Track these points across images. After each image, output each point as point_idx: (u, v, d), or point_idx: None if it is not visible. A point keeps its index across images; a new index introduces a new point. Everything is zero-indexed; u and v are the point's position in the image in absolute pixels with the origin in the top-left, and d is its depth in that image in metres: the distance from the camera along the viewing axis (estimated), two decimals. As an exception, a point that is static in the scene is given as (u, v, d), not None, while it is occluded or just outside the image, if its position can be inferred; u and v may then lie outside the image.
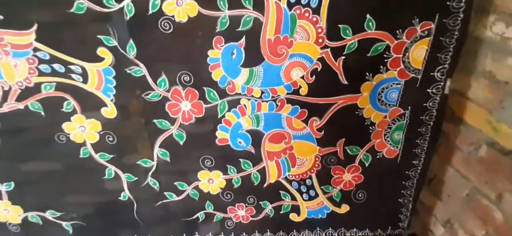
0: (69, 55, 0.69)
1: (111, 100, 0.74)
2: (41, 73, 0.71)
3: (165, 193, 0.85)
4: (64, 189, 0.85)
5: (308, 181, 0.82)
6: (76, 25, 0.67)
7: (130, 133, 0.78)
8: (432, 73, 0.68)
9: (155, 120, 0.76)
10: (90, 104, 0.74)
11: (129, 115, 0.76)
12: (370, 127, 0.75)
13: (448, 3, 0.61)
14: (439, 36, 0.64)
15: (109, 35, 0.68)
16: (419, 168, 0.79)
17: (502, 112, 0.64)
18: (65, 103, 0.74)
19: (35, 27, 0.67)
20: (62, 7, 0.65)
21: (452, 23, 0.63)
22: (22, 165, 0.82)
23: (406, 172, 0.80)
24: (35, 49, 0.69)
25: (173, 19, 0.66)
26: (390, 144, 0.77)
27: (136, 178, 0.83)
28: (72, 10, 0.65)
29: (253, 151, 0.79)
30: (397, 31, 0.64)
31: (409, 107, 0.72)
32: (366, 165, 0.79)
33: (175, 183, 0.84)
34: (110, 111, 0.75)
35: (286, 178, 0.82)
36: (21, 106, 0.74)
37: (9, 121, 0.75)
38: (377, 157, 0.78)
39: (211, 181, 0.83)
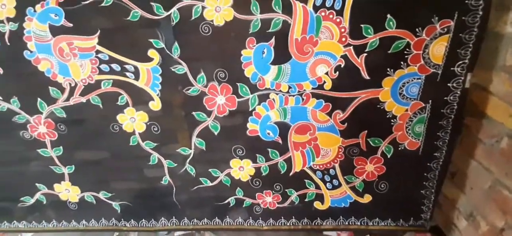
0: (124, 56, 0.81)
1: (157, 95, 0.85)
2: (101, 72, 0.83)
3: (200, 179, 0.95)
4: (115, 172, 0.98)
5: (331, 171, 0.88)
6: (131, 30, 0.78)
7: (172, 124, 0.89)
8: (452, 68, 0.71)
9: (193, 113, 0.86)
10: (140, 98, 0.85)
11: (171, 108, 0.87)
12: (392, 120, 0.79)
13: (466, 1, 0.64)
14: (458, 33, 0.67)
15: (158, 39, 0.79)
16: (441, 160, 0.81)
17: (524, 105, 0.66)
18: (119, 97, 0.86)
19: (98, 33, 0.80)
20: (120, 15, 0.77)
21: (471, 20, 0.66)
22: (82, 151, 0.96)
23: (428, 164, 0.83)
24: (97, 52, 0.81)
25: (212, 23, 0.75)
26: (412, 136, 0.81)
27: (176, 164, 0.94)
28: (128, 18, 0.77)
29: (280, 141, 0.86)
30: (417, 29, 0.68)
31: (430, 101, 0.76)
32: (388, 156, 0.83)
33: (210, 170, 0.93)
34: (156, 104, 0.86)
35: (310, 168, 0.89)
36: (84, 99, 0.87)
37: (74, 112, 0.88)
38: (399, 149, 0.82)
39: (241, 168, 0.92)
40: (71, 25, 0.79)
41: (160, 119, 0.88)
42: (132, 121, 0.89)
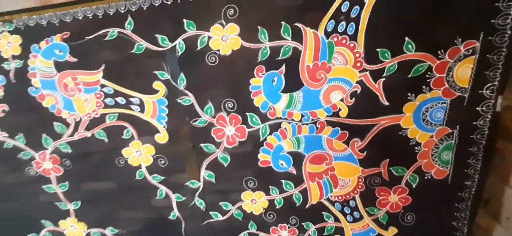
0: (129, 89, 0.79)
1: (164, 127, 0.81)
2: (106, 106, 0.81)
3: (210, 212, 0.90)
4: (121, 207, 0.94)
5: (351, 202, 0.82)
6: (135, 63, 0.76)
7: (180, 156, 0.85)
8: (480, 91, 0.65)
9: (202, 144, 0.82)
10: (146, 131, 0.82)
11: (179, 140, 0.83)
12: (416, 147, 0.73)
13: (492, 21, 0.59)
14: (485, 54, 0.62)
15: (163, 70, 0.76)
16: (473, 189, 0.74)
17: None
18: (125, 131, 0.83)
19: (103, 66, 0.78)
20: (125, 48, 0.75)
21: (499, 40, 0.60)
22: (87, 186, 0.92)
23: (459, 193, 0.75)
24: (102, 85, 0.79)
25: (218, 53, 0.72)
26: (439, 164, 0.74)
27: (185, 198, 0.89)
28: (133, 51, 0.75)
29: (294, 172, 0.80)
30: (439, 52, 0.63)
31: (458, 126, 0.69)
32: (414, 186, 0.77)
33: (220, 203, 0.88)
34: (162, 137, 0.83)
35: (328, 199, 0.83)
36: (88, 134, 0.84)
37: (78, 147, 0.86)
38: (425, 178, 0.75)
39: (254, 201, 0.86)
40: (75, 60, 0.77)
41: (167, 151, 0.84)
42: (138, 154, 0.85)
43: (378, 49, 0.65)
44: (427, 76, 0.65)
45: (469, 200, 0.75)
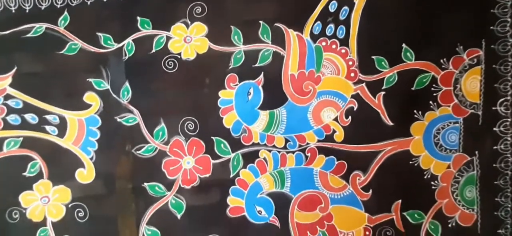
0: (47, 103, 0.57)
1: (90, 159, 0.57)
2: (7, 125, 0.57)
3: None
4: None
5: (358, 270, 0.58)
6: (63, 68, 0.58)
7: (110, 205, 0.59)
8: (494, 108, 0.56)
9: (146, 184, 0.57)
10: (62, 166, 0.58)
11: (112, 179, 0.59)
12: (432, 183, 0.57)
13: (491, 27, 0.54)
14: (491, 64, 0.55)
15: (101, 78, 0.57)
16: (509, 239, 0.57)
17: None
18: (29, 165, 0.57)
19: (13, 70, 0.57)
20: (51, 48, 0.57)
21: (502, 49, 0.55)
22: None
23: (493, 247, 0.57)
24: (7, 96, 0.57)
25: (179, 57, 0.57)
26: (463, 205, 0.58)
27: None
28: (62, 52, 0.57)
29: (277, 223, 0.58)
30: (442, 60, 0.55)
31: (477, 152, 0.57)
32: (436, 238, 0.57)
33: (166, 283, 0.58)
34: (87, 174, 0.58)
35: (325, 265, 0.58)
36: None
37: None
38: (450, 225, 0.57)
39: (218, 276, 0.58)
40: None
41: (91, 197, 0.58)
42: (45, 202, 0.57)
43: (373, 57, 0.55)
44: (432, 89, 0.55)
45: (509, 258, 0.56)
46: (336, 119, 0.57)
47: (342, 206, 0.58)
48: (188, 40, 0.57)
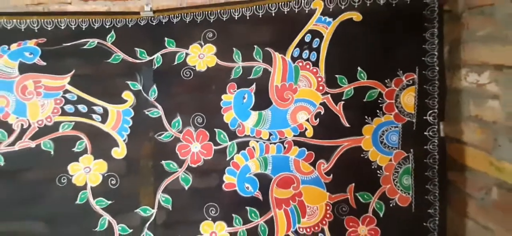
0: (95, 97, 0.76)
1: (124, 140, 0.76)
2: (64, 113, 0.76)
3: (160, 251, 0.76)
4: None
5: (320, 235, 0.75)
6: (109, 72, 0.77)
7: (135, 176, 0.77)
8: (425, 117, 0.74)
9: (163, 162, 0.76)
10: (102, 144, 0.76)
11: (138, 157, 0.77)
12: (378, 171, 0.75)
13: (423, 58, 0.73)
14: (423, 85, 0.73)
15: (136, 81, 0.77)
16: (437, 219, 0.74)
17: (499, 150, 0.67)
18: (78, 143, 0.76)
19: (72, 72, 0.76)
20: (101, 57, 0.76)
21: (431, 74, 0.73)
22: (11, 213, 0.76)
23: (424, 224, 0.74)
24: (66, 91, 0.76)
25: (194, 68, 0.77)
26: (401, 190, 0.75)
27: (130, 230, 0.76)
28: (108, 60, 0.77)
29: (260, 197, 0.75)
30: (386, 80, 0.74)
31: (411, 150, 0.75)
32: (381, 215, 0.75)
33: (173, 237, 0.76)
34: (120, 151, 0.76)
35: (296, 232, 0.76)
36: (33, 144, 0.75)
37: (15, 160, 0.75)
38: (391, 205, 0.75)
39: (214, 235, 0.76)
40: (44, 63, 0.76)
41: (122, 169, 0.76)
42: (86, 171, 0.76)
43: (336, 75, 0.74)
44: (379, 101, 0.74)
45: (436, 232, 0.74)
46: (307, 120, 0.76)
47: (309, 186, 0.76)
48: (201, 56, 0.77)
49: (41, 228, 0.76)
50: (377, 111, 0.74)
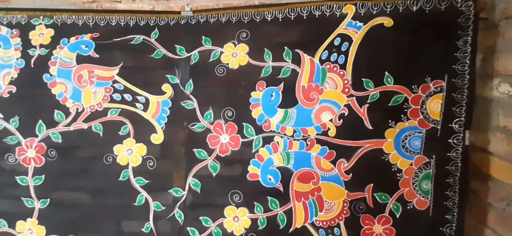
0: (139, 88, 0.85)
1: (162, 128, 0.85)
2: (112, 100, 0.86)
3: (188, 228, 0.84)
4: (91, 214, 0.87)
5: (336, 230, 0.80)
6: (152, 66, 0.85)
7: (170, 160, 0.85)
8: (450, 125, 0.74)
9: (195, 149, 0.83)
10: (143, 130, 0.84)
11: (173, 143, 0.85)
12: (397, 174, 0.77)
13: (453, 66, 0.73)
14: (451, 93, 0.73)
15: (174, 75, 0.85)
16: (454, 224, 0.75)
17: (526, 163, 0.67)
18: (122, 127, 0.86)
19: (121, 65, 0.86)
20: (145, 53, 0.85)
21: (460, 82, 0.73)
22: (64, 182, 0.88)
23: (441, 228, 0.76)
24: (115, 81, 0.86)
25: (227, 66, 0.83)
26: (420, 194, 0.77)
27: (164, 208, 0.85)
28: (152, 56, 0.85)
29: (281, 189, 0.81)
30: (413, 86, 0.75)
31: (434, 156, 0.76)
32: (397, 216, 0.77)
33: (200, 217, 0.84)
34: (158, 137, 0.85)
35: (313, 224, 0.81)
36: (85, 126, 0.86)
37: (70, 138, 0.86)
38: (408, 208, 0.77)
39: (236, 219, 0.83)
40: (97, 56, 0.86)
41: (159, 153, 0.85)
42: (129, 153, 0.86)
43: (363, 79, 0.76)
44: (404, 106, 0.76)
45: (452, 237, 0.75)
46: (331, 120, 0.80)
47: (329, 183, 0.80)
48: (234, 55, 0.83)
49: (88, 199, 0.87)
50: (402, 115, 0.76)
